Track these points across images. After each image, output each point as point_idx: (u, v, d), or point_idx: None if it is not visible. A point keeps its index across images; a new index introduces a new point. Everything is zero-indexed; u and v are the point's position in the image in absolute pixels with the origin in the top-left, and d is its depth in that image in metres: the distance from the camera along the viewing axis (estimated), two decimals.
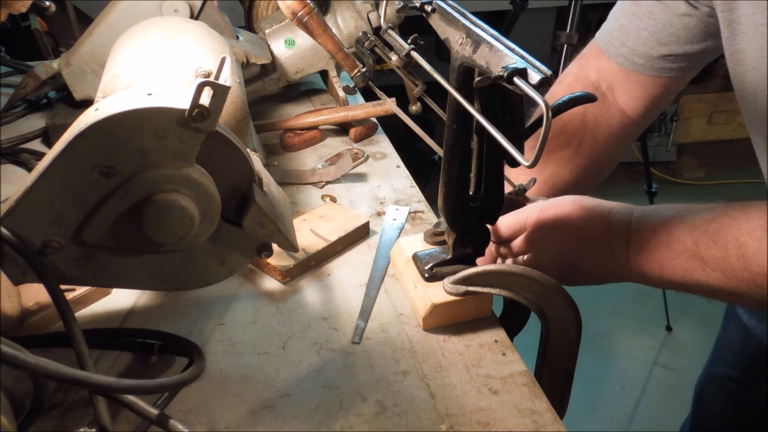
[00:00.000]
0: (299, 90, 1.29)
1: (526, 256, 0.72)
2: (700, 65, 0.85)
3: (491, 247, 0.75)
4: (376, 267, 0.77)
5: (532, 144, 0.51)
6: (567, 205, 0.70)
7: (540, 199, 0.75)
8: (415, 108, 0.90)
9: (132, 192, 0.51)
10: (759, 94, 0.71)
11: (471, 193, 0.65)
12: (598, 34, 0.90)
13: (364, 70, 0.81)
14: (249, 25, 1.28)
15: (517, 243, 0.72)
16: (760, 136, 0.74)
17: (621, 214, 0.67)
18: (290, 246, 0.60)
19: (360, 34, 0.74)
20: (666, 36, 0.81)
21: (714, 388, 1.06)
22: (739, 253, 0.57)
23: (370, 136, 1.11)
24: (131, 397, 0.50)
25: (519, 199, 0.76)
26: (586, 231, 0.68)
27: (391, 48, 0.69)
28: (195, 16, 0.99)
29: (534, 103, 0.46)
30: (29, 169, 0.96)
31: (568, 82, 0.92)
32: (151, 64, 0.69)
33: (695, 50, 0.81)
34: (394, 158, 1.05)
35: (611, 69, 0.88)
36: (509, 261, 0.75)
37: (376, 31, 0.71)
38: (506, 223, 0.72)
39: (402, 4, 0.79)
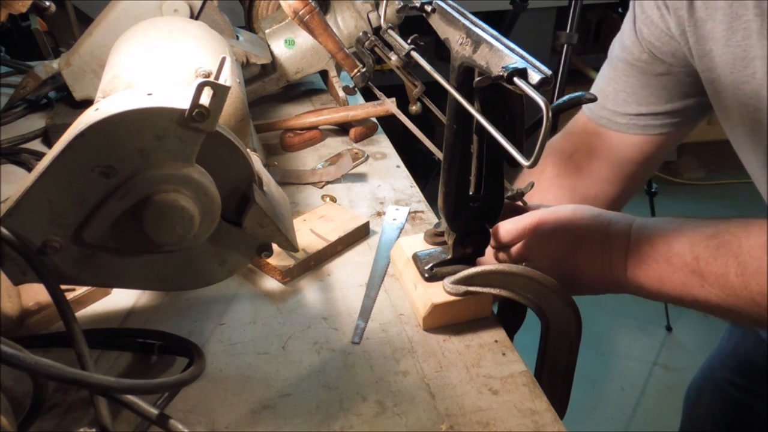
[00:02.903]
0: (299, 90, 1.29)
1: (524, 263, 0.72)
2: (690, 122, 0.85)
3: (490, 252, 0.75)
4: (376, 267, 0.77)
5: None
6: (567, 213, 0.70)
7: (541, 206, 0.75)
8: (414, 108, 0.90)
9: (132, 192, 0.51)
10: (749, 147, 0.73)
11: (471, 193, 0.65)
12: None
13: (363, 70, 0.81)
14: (249, 25, 1.28)
15: (516, 249, 0.72)
16: (756, 159, 0.75)
17: (621, 225, 0.67)
18: (290, 246, 0.60)
19: (360, 34, 0.74)
20: (645, 96, 0.83)
21: (714, 393, 1.05)
22: (738, 272, 0.57)
23: (370, 136, 1.11)
24: (131, 397, 0.50)
25: (518, 205, 0.76)
26: (585, 240, 0.68)
27: (391, 48, 0.69)
28: (195, 16, 0.99)
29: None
30: (29, 169, 0.96)
31: (544, 156, 0.93)
32: (151, 64, 0.69)
33: (678, 108, 0.82)
34: (394, 158, 1.05)
35: (593, 132, 0.89)
36: None
37: (376, 31, 0.71)
38: (506, 228, 0.72)
39: (402, 4, 0.79)
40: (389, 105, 0.88)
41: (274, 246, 0.60)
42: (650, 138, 0.85)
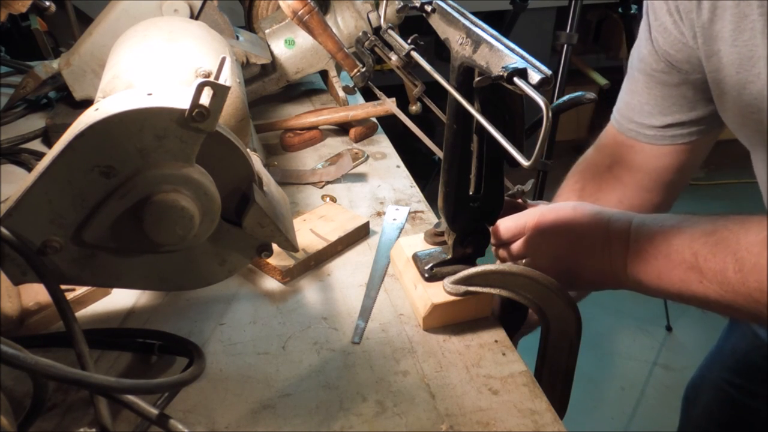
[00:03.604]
0: (299, 90, 1.29)
1: (525, 260, 0.72)
2: (718, 125, 0.84)
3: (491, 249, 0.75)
4: (376, 267, 0.77)
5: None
6: (567, 210, 0.70)
7: (541, 203, 0.75)
8: (414, 108, 0.90)
9: (132, 192, 0.51)
10: (751, 147, 0.73)
11: (471, 193, 0.65)
12: (612, 114, 0.92)
13: (363, 69, 0.81)
14: (249, 25, 1.28)
15: (516, 246, 0.72)
16: (759, 160, 0.75)
17: (621, 222, 0.67)
18: (290, 246, 0.60)
19: (360, 34, 0.74)
20: (668, 107, 0.82)
21: (712, 393, 1.06)
22: (737, 268, 0.57)
23: (370, 136, 1.11)
24: (131, 397, 0.50)
25: (518, 202, 0.76)
26: (586, 237, 0.68)
27: (391, 48, 0.69)
28: (195, 16, 0.99)
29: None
30: (29, 169, 0.96)
31: (581, 170, 0.94)
32: (151, 64, 0.69)
33: (702, 115, 0.82)
34: (394, 158, 1.05)
35: (625, 144, 0.89)
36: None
37: (376, 31, 0.71)
38: (506, 226, 0.72)
39: (402, 4, 0.79)
40: (389, 105, 0.89)
41: (274, 246, 0.60)
42: (681, 147, 0.85)
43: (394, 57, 0.68)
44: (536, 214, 0.71)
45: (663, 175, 0.88)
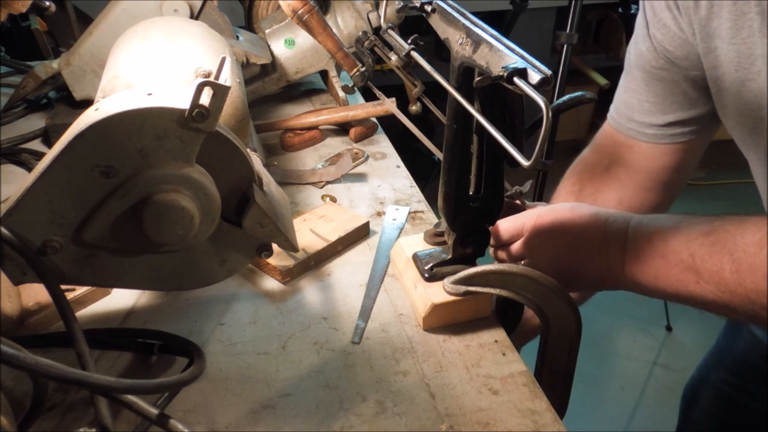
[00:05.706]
0: (299, 90, 1.29)
1: (523, 261, 0.72)
2: (714, 124, 0.84)
3: (489, 250, 0.75)
4: (376, 267, 0.77)
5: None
6: (565, 211, 0.70)
7: (539, 204, 0.75)
8: (414, 108, 0.90)
9: (132, 192, 0.51)
10: (750, 145, 0.74)
11: (471, 193, 0.65)
12: (609, 113, 0.92)
13: (363, 69, 0.81)
14: (249, 25, 1.28)
15: (515, 247, 0.72)
16: (757, 159, 0.75)
17: (618, 222, 0.67)
18: (290, 246, 0.60)
19: (360, 33, 0.74)
20: (669, 105, 0.82)
21: (710, 393, 1.06)
22: (733, 269, 0.57)
23: (370, 136, 1.12)
24: (131, 397, 0.50)
25: (517, 203, 0.76)
26: (583, 237, 0.68)
27: (391, 48, 0.69)
28: (195, 16, 0.99)
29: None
30: (29, 169, 0.96)
31: (578, 171, 0.94)
32: (151, 64, 0.69)
33: (702, 113, 0.82)
34: (394, 158, 1.05)
35: (624, 144, 0.89)
36: None
37: (376, 30, 0.71)
38: (504, 227, 0.72)
39: (402, 4, 0.79)
40: (389, 105, 0.89)
41: (274, 246, 0.60)
42: (679, 146, 0.85)
43: (394, 57, 0.68)
44: (534, 215, 0.71)
45: (662, 175, 0.88)
